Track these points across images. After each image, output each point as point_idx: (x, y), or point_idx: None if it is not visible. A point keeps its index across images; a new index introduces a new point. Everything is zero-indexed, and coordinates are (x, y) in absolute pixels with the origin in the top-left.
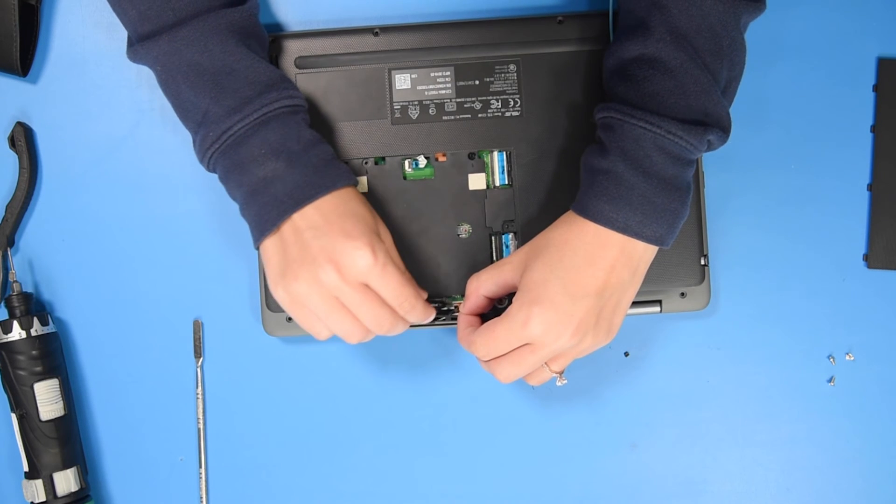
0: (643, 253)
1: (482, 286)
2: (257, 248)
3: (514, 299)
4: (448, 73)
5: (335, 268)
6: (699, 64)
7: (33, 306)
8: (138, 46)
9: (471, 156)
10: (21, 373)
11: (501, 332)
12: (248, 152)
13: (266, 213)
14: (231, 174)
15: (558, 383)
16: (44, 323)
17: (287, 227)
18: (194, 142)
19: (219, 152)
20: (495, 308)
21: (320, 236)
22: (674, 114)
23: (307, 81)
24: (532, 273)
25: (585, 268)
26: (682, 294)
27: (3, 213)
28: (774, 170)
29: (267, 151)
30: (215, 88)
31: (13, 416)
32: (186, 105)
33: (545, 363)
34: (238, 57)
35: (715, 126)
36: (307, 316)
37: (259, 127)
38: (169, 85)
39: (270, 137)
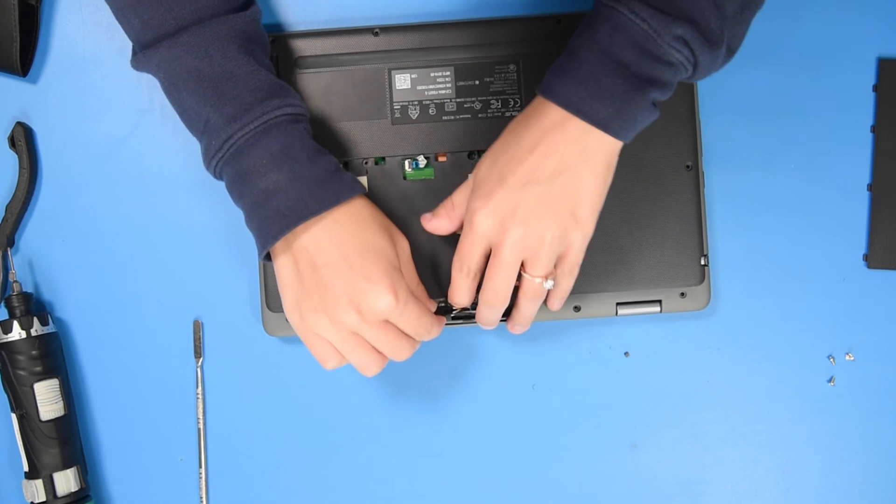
0: (597, 142)
1: (456, 199)
2: (262, 260)
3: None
4: (448, 73)
5: (356, 310)
6: None
7: (33, 306)
8: (140, 55)
9: (471, 156)
10: (21, 373)
11: (464, 243)
12: (250, 162)
13: (268, 227)
14: (234, 184)
15: (545, 286)
16: (44, 323)
17: (302, 258)
18: (201, 150)
19: (223, 161)
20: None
21: (340, 276)
22: (649, 1)
23: (307, 81)
24: (478, 171)
25: (525, 156)
26: (682, 294)
27: (3, 213)
28: (774, 170)
29: (269, 162)
30: (216, 95)
31: (13, 416)
32: (189, 113)
33: (527, 273)
34: (239, 63)
35: (686, 22)
36: (320, 343)
37: (261, 135)
38: (171, 93)
39: (272, 147)
